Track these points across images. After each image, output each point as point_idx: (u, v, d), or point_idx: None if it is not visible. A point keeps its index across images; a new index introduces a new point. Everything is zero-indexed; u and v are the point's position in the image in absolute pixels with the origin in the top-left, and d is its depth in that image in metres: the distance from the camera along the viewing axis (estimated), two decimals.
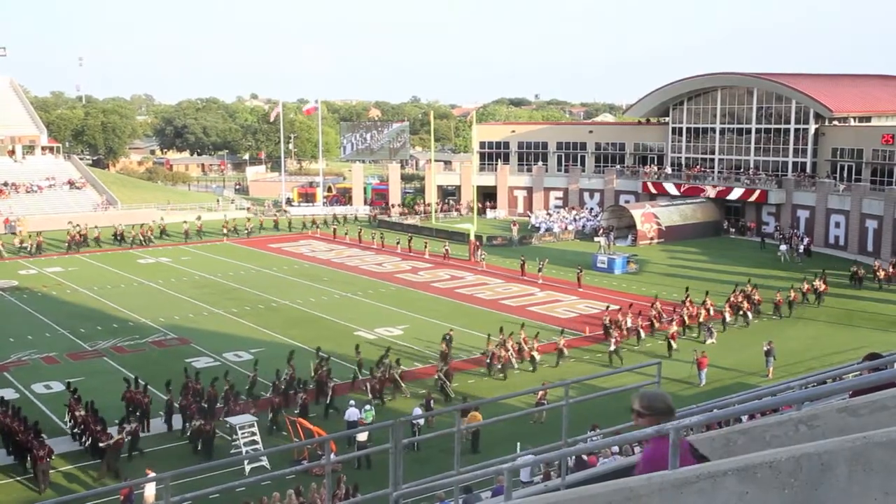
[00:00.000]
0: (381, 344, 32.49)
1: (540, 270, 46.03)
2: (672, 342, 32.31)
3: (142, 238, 59.34)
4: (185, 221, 63.35)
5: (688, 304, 36.62)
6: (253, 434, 22.85)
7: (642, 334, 34.03)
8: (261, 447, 22.44)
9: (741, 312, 36.97)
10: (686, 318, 35.44)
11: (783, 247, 52.86)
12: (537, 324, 35.61)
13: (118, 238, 59.43)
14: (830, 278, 42.85)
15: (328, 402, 26.14)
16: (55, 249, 56.30)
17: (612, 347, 31.48)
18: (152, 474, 18.97)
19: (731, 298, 37.75)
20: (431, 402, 25.00)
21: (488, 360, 29.95)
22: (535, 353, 30.60)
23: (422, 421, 22.85)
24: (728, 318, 36.20)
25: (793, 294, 39.14)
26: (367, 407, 24.90)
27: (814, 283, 40.96)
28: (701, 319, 35.60)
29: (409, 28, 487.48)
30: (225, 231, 62.64)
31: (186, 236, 60.79)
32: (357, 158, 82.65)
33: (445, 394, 27.30)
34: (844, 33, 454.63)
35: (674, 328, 33.57)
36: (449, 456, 8.27)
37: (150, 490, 19.06)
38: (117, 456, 22.00)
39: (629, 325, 34.41)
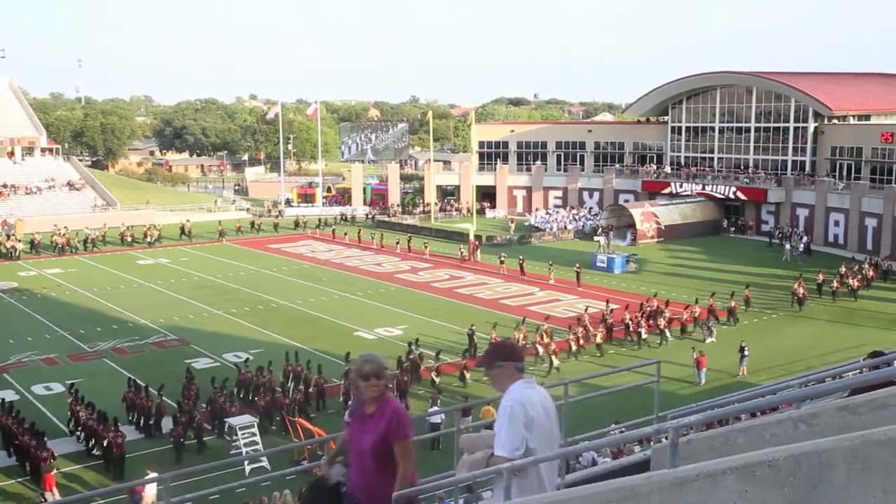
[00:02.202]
0: (381, 344, 32.50)
1: (550, 272, 46.00)
2: (554, 358, 30.15)
3: (65, 246, 55.81)
4: (86, 228, 59.44)
5: (607, 318, 34.36)
6: (253, 435, 22.88)
7: (540, 351, 30.89)
8: (261, 448, 22.45)
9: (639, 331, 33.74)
10: (581, 337, 32.29)
11: (787, 245, 52.98)
12: (537, 324, 35.45)
13: (34, 247, 55.96)
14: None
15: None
16: None
17: None
18: (153, 474, 18.99)
19: (636, 315, 34.84)
20: (438, 400, 25.00)
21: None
22: (433, 375, 28.33)
23: (437, 418, 22.62)
24: (645, 335, 33.66)
25: (698, 311, 35.70)
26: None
27: (729, 302, 37.15)
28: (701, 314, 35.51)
29: (407, 28, 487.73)
30: (128, 238, 58.99)
31: (85, 244, 56.83)
32: (361, 159, 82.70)
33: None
34: (843, 32, 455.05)
35: (553, 346, 30.95)
36: (449, 455, 8.27)
37: (150, 490, 19.08)
38: (121, 459, 21.98)
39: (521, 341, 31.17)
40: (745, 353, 30.04)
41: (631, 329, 33.80)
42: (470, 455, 5.28)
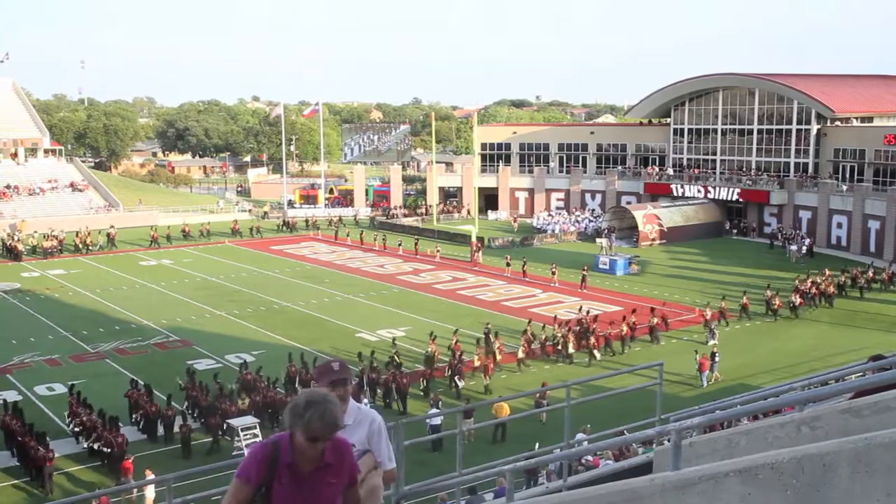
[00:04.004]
0: (381, 345, 32.48)
1: (553, 274, 46.00)
2: (485, 378, 28.47)
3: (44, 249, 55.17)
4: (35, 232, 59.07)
5: (527, 335, 31.91)
6: (255, 436, 22.89)
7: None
8: None
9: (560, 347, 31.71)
10: (498, 351, 30.28)
11: (793, 247, 52.92)
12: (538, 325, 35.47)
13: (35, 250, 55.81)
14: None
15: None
16: None
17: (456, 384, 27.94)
18: (152, 476, 19.00)
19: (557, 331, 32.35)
20: (440, 402, 25.00)
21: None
22: (422, 379, 28.35)
23: (438, 420, 22.61)
24: (572, 350, 31.57)
25: (625, 329, 33.28)
26: (365, 401, 24.89)
27: (629, 322, 33.72)
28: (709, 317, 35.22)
29: (409, 29, 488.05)
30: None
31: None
32: (363, 160, 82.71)
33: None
34: (846, 34, 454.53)
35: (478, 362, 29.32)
36: (451, 457, 8.27)
37: (150, 492, 19.07)
38: (122, 459, 21.99)
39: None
40: (716, 359, 29.85)
41: (560, 346, 31.66)
42: None
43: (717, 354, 30.10)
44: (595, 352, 31.65)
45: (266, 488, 3.82)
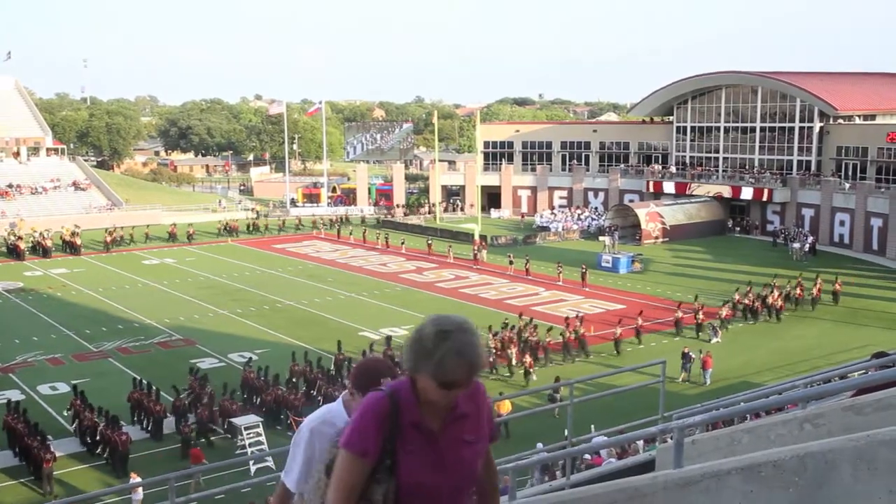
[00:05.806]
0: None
1: (559, 273, 45.98)
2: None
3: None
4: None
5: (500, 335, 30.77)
6: (258, 435, 22.90)
7: None
8: (266, 447, 22.45)
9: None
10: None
11: (796, 244, 52.84)
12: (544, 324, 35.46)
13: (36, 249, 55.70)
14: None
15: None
16: None
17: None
18: (137, 479, 19.00)
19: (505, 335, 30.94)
20: None
21: None
22: None
23: None
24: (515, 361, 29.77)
25: (569, 336, 31.99)
26: None
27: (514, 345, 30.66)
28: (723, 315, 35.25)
29: (412, 28, 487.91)
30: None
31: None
32: (366, 159, 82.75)
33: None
34: (849, 31, 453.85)
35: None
36: None
37: (138, 495, 19.08)
38: (125, 458, 22.02)
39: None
40: (692, 359, 29.13)
41: (495, 352, 29.61)
42: None
43: (689, 354, 29.28)
44: (531, 370, 29.06)
45: (390, 460, 2.84)
